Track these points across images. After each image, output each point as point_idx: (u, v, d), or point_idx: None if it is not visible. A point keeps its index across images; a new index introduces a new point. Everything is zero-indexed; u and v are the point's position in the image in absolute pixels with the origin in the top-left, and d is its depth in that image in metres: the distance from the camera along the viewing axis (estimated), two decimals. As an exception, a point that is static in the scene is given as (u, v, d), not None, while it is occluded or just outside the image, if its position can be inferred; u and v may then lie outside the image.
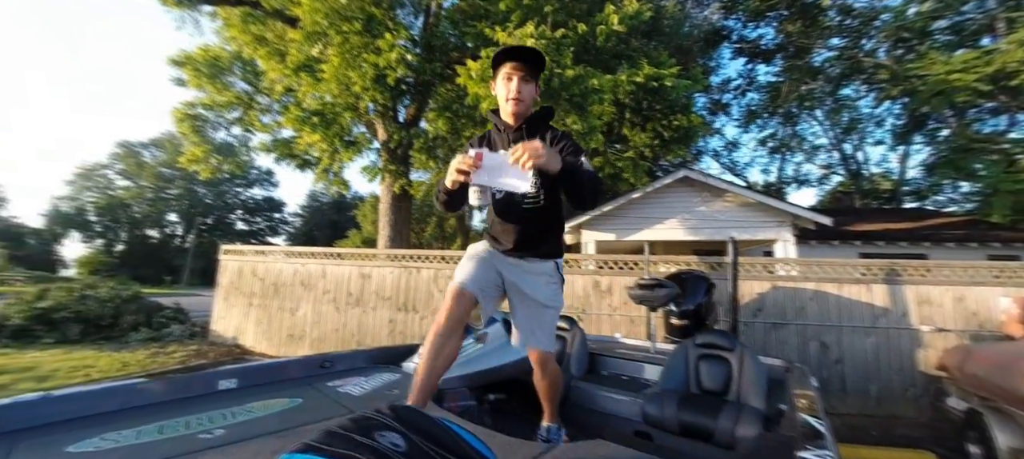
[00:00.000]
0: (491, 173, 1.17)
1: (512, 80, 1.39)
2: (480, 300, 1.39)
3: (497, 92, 1.47)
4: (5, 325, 5.79)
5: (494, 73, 1.47)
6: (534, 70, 1.43)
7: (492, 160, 1.17)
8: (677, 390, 2.05)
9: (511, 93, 1.39)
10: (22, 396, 1.28)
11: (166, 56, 7.52)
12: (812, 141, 18.21)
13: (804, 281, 4.48)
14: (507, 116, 1.44)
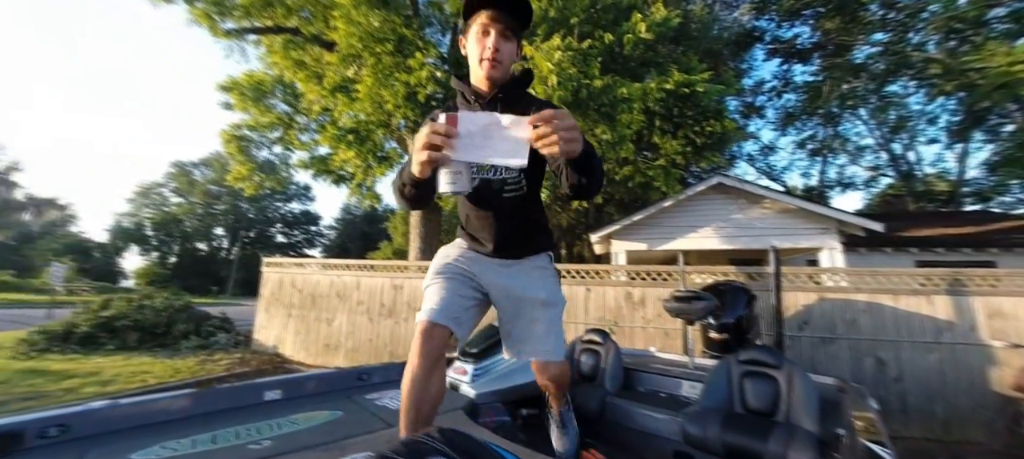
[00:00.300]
0: (472, 145, 0.85)
1: (489, 35, 1.09)
2: (454, 330, 1.12)
3: (468, 50, 1.17)
4: (74, 332, 6.30)
5: (465, 25, 1.17)
6: (517, 24, 1.13)
7: (472, 124, 0.85)
8: (720, 409, 1.95)
9: (486, 52, 1.09)
10: (93, 404, 1.38)
11: (216, 83, 8.11)
12: (856, 141, 17.18)
13: (855, 292, 4.20)
14: (479, 81, 1.15)
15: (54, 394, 4.28)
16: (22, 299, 16.86)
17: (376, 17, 5.39)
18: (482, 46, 1.10)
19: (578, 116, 4.47)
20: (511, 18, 1.11)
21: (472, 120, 0.85)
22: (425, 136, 0.85)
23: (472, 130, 0.84)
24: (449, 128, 0.84)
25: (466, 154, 0.85)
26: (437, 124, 0.85)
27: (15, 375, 4.71)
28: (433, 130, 0.84)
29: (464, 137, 0.84)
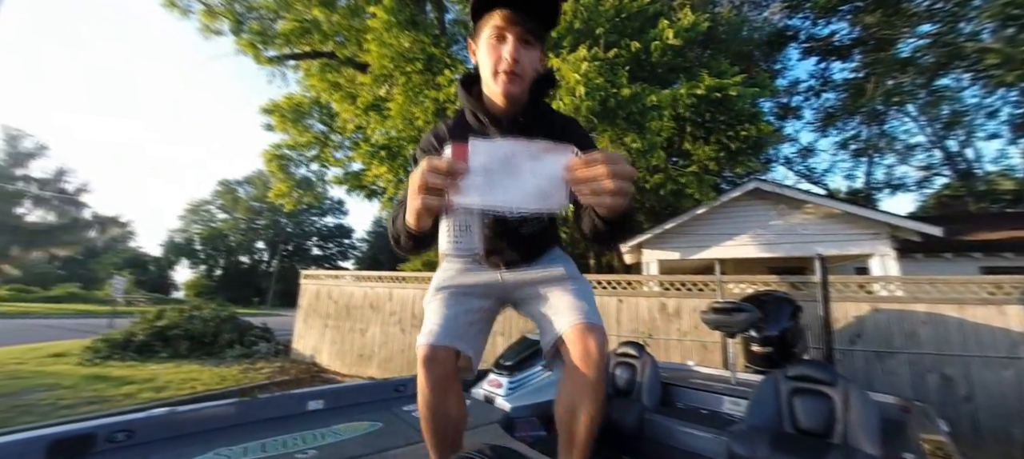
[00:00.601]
0: (489, 185, 0.64)
1: (505, 40, 0.87)
2: (461, 349, 0.96)
3: (478, 58, 0.93)
4: (132, 341, 6.77)
5: (475, 27, 0.93)
6: (540, 26, 0.89)
7: (489, 156, 0.64)
8: (768, 428, 1.84)
9: (503, 63, 0.86)
10: (156, 410, 1.47)
11: (259, 106, 8.65)
12: (905, 140, 16.08)
13: (913, 302, 3.89)
14: (496, 96, 0.91)
15: (115, 398, 4.61)
16: (87, 309, 18.36)
17: (406, 38, 5.61)
18: (496, 55, 0.88)
19: (607, 125, 4.43)
20: (532, 19, 0.87)
21: (489, 151, 0.63)
22: (422, 175, 0.64)
23: (489, 164, 0.63)
24: (455, 163, 0.63)
25: (480, 197, 0.62)
26: (438, 160, 0.64)
27: (81, 380, 5.11)
28: (432, 168, 0.64)
29: (477, 174, 0.63)
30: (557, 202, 0.64)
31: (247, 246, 41.86)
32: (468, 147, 0.64)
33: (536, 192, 0.63)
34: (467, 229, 0.71)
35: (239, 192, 41.83)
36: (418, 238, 0.80)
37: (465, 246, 0.71)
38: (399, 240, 0.85)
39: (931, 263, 7.55)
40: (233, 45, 7.71)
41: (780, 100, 15.21)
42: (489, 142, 0.65)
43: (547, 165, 0.63)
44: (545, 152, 0.64)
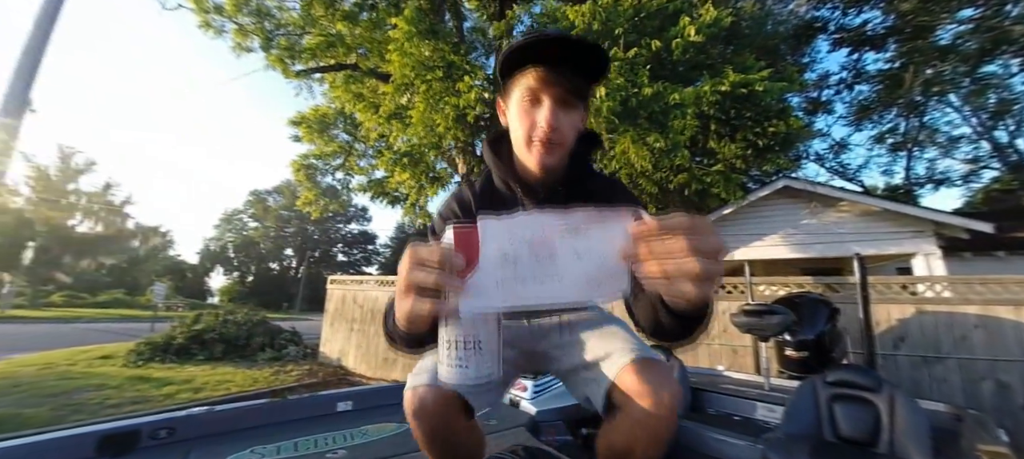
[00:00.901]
0: (514, 278, 0.47)
1: (540, 104, 0.74)
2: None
3: (508, 118, 0.81)
4: (172, 344, 7.11)
5: (504, 84, 0.80)
6: (583, 84, 0.76)
7: (511, 240, 0.47)
8: (807, 436, 1.76)
9: (537, 130, 0.74)
10: (195, 409, 1.54)
11: (287, 118, 9.02)
12: (948, 132, 15.11)
13: (963, 304, 3.64)
14: (531, 163, 0.77)
15: (156, 398, 4.85)
16: (131, 314, 19.44)
17: (427, 47, 5.72)
18: (530, 121, 0.74)
19: (628, 125, 4.36)
20: (574, 77, 0.73)
21: (509, 233, 0.46)
22: (409, 268, 0.48)
23: (512, 250, 0.46)
24: (455, 257, 0.46)
25: (499, 298, 0.46)
26: (429, 250, 0.47)
27: (126, 381, 5.40)
28: (420, 261, 0.47)
29: (494, 267, 0.46)
30: (614, 289, 0.45)
31: (276, 253, 43.49)
32: (477, 230, 0.46)
33: (583, 280, 0.45)
34: (476, 347, 0.48)
35: (269, 201, 43.53)
36: (418, 340, 0.60)
37: (473, 374, 0.48)
38: (393, 339, 0.65)
39: (981, 262, 7.07)
40: (263, 61, 8.07)
41: (809, 94, 14.62)
42: (508, 221, 0.46)
43: (597, 241, 0.45)
44: (592, 223, 0.45)
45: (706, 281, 0.43)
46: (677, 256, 0.43)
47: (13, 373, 5.58)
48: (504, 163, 0.84)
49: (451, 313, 0.47)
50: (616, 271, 0.45)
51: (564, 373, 0.87)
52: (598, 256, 0.46)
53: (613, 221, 0.46)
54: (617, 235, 0.45)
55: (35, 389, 4.88)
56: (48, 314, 17.63)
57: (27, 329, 12.11)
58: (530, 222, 0.47)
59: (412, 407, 0.74)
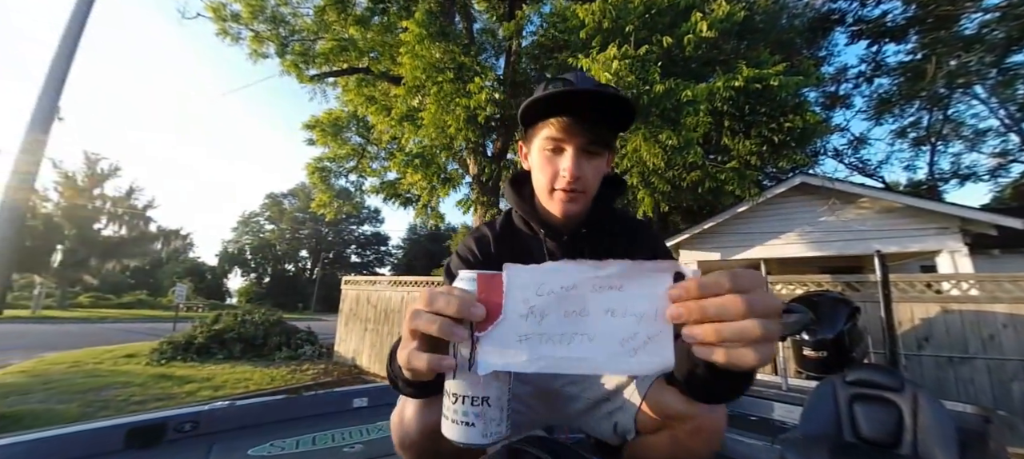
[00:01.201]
0: (534, 334, 0.42)
1: (563, 153, 0.72)
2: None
3: (530, 163, 0.80)
4: (193, 343, 7.31)
5: (526, 130, 0.79)
6: (608, 133, 0.75)
7: (535, 288, 0.42)
8: (825, 436, 1.72)
9: (560, 180, 0.72)
10: (217, 403, 1.58)
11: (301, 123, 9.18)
12: (974, 124, 14.56)
13: (991, 302, 3.52)
14: (553, 209, 0.76)
15: (178, 396, 5.00)
16: (154, 314, 20.05)
17: (437, 49, 5.77)
18: (553, 170, 0.73)
19: (640, 123, 4.32)
20: (598, 127, 0.71)
21: (538, 281, 0.41)
22: (421, 314, 0.43)
23: (538, 304, 0.41)
24: (474, 308, 0.41)
25: (524, 355, 0.41)
26: (448, 295, 0.42)
27: (150, 379, 5.58)
28: (434, 308, 0.42)
29: (517, 320, 0.41)
30: (654, 359, 0.39)
31: (292, 255, 44.36)
32: (503, 277, 0.41)
33: (617, 342, 0.39)
34: (484, 404, 0.43)
35: (285, 204, 44.41)
36: (422, 387, 0.54)
37: (479, 433, 0.43)
38: (397, 386, 0.59)
39: (1010, 259, 6.81)
40: (278, 67, 8.24)
41: (827, 89, 14.28)
42: (537, 270, 0.41)
43: (634, 298, 0.39)
44: (629, 277, 0.40)
45: (766, 344, 0.38)
46: (733, 318, 0.37)
47: (44, 371, 5.82)
48: (526, 203, 0.82)
49: (460, 367, 0.42)
50: (656, 334, 0.39)
51: (582, 412, 0.79)
52: (635, 315, 0.39)
53: (653, 276, 0.39)
54: (657, 292, 0.39)
55: (65, 386, 5.07)
56: (76, 314, 18.30)
57: (56, 329, 12.59)
58: (561, 272, 0.41)
59: (397, 436, 0.68)
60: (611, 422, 0.74)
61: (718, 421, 0.65)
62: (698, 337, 0.39)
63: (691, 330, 0.40)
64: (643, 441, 0.71)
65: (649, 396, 0.69)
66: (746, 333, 0.37)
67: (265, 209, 44.47)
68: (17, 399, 4.48)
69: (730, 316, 0.37)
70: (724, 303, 0.37)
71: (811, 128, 4.91)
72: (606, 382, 0.78)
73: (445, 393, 0.45)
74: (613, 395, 0.76)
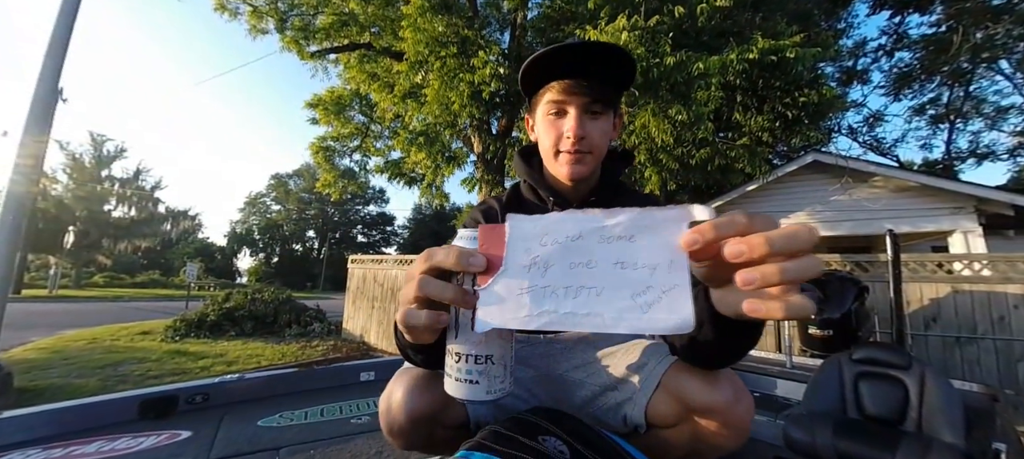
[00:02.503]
0: (538, 288, 0.38)
1: (566, 115, 0.72)
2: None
3: (536, 132, 0.79)
4: (205, 321, 7.48)
5: (528, 99, 0.80)
6: (611, 91, 0.74)
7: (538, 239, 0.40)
8: (829, 413, 1.73)
9: (564, 141, 0.72)
10: (227, 376, 1.61)
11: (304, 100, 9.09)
12: (996, 102, 14.04)
13: (1004, 283, 3.47)
14: (561, 175, 0.76)
15: (193, 371, 5.14)
16: (167, 294, 20.52)
17: (440, 22, 5.63)
18: (556, 132, 0.72)
19: (649, 97, 4.21)
20: (599, 86, 0.70)
21: (540, 231, 0.39)
22: (418, 274, 0.41)
23: (541, 256, 0.39)
24: (474, 260, 0.39)
25: (525, 311, 0.38)
26: (446, 252, 0.40)
27: (165, 355, 5.74)
28: (433, 266, 0.40)
29: (518, 273, 0.39)
30: (673, 317, 0.34)
31: (299, 235, 44.83)
32: (505, 228, 0.39)
33: (627, 295, 0.36)
34: (487, 361, 0.42)
35: (290, 185, 44.59)
36: (429, 350, 0.49)
37: (483, 390, 0.42)
38: (407, 355, 0.56)
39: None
40: (278, 43, 8.11)
41: (844, 63, 13.79)
42: (541, 220, 0.39)
43: (647, 249, 0.36)
44: (641, 226, 0.36)
45: (795, 291, 0.32)
46: (758, 261, 0.31)
47: (63, 348, 6.01)
48: (536, 172, 0.82)
49: (478, 321, 0.39)
50: (671, 288, 0.35)
51: (588, 401, 0.73)
52: (647, 267, 0.36)
53: (666, 225, 0.36)
54: (671, 242, 0.35)
55: (84, 362, 5.24)
56: (92, 293, 18.78)
57: (73, 307, 12.95)
58: (566, 221, 0.38)
59: (385, 423, 0.66)
60: (619, 414, 0.68)
61: (746, 413, 0.59)
62: (717, 283, 0.37)
63: (707, 276, 0.37)
64: (657, 435, 0.66)
65: (665, 383, 0.63)
66: (776, 276, 0.31)
67: (271, 190, 44.72)
68: (39, 374, 4.65)
69: (754, 258, 0.31)
70: (746, 245, 0.31)
71: (827, 103, 4.76)
72: (614, 369, 0.72)
73: (447, 352, 0.44)
74: (621, 383, 0.69)
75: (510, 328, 0.39)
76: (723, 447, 0.61)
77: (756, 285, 0.31)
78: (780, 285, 0.31)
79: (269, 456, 1.10)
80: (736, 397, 0.57)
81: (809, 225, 0.32)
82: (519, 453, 0.42)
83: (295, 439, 1.20)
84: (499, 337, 0.42)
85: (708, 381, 0.58)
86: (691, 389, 0.59)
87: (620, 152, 0.84)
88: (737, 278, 0.32)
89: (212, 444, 1.15)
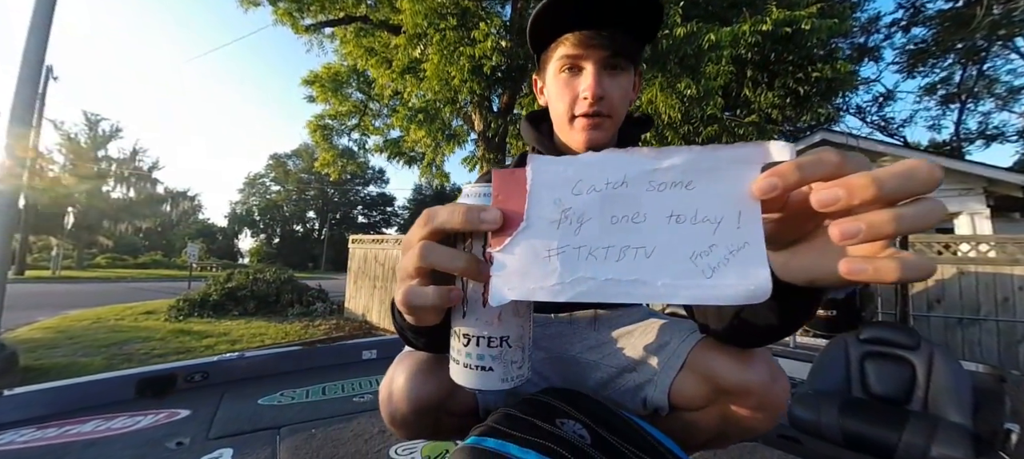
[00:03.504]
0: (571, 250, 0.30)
1: (581, 71, 0.63)
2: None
3: (547, 95, 0.70)
4: (208, 301, 7.51)
5: (538, 58, 0.71)
6: (632, 43, 0.63)
7: (570, 184, 0.31)
8: (835, 392, 1.72)
9: (580, 104, 0.63)
10: (227, 355, 1.60)
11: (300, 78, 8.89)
12: (1009, 82, 13.73)
13: (1011, 264, 3.43)
14: (575, 143, 0.66)
15: (197, 349, 5.18)
16: (169, 274, 20.64)
17: (439, -8, 5.43)
18: (571, 93, 0.63)
19: (657, 70, 4.06)
20: (620, 36, 0.60)
21: (574, 179, 0.31)
22: (418, 241, 0.34)
23: (574, 207, 0.31)
24: (487, 217, 0.31)
25: (547, 280, 0.30)
26: (452, 211, 0.33)
27: (169, 334, 5.77)
28: (437, 227, 0.33)
29: (544, 228, 0.31)
30: (745, 283, 0.27)
31: (300, 216, 44.83)
32: (526, 174, 0.31)
33: (689, 260, 0.28)
34: (503, 344, 0.35)
35: (289, 165, 44.26)
36: (434, 333, 0.41)
37: (498, 378, 0.35)
38: (407, 338, 0.49)
39: (1032, 221, 6.60)
40: (271, 16, 7.86)
41: (855, 40, 13.42)
42: (572, 162, 0.31)
43: (710, 198, 0.29)
44: (702, 169, 0.29)
45: (913, 268, 0.24)
46: (863, 209, 0.24)
47: (68, 327, 6.04)
48: (546, 139, 0.72)
49: (493, 292, 0.31)
50: (742, 246, 0.27)
51: (604, 383, 0.67)
52: (710, 221, 0.28)
53: (734, 168, 0.28)
54: (741, 189, 0.28)
55: (89, 341, 5.27)
56: (95, 274, 18.89)
57: (77, 288, 13.03)
58: (606, 163, 0.30)
59: (386, 412, 0.61)
60: (639, 396, 0.62)
61: (783, 394, 0.53)
62: (786, 246, 0.31)
63: (778, 235, 0.30)
64: (681, 418, 0.60)
65: (691, 363, 0.57)
66: (891, 225, 0.23)
67: (270, 170, 44.43)
68: (44, 353, 4.68)
69: (853, 205, 0.24)
70: (844, 188, 0.24)
71: (840, 79, 4.62)
72: (631, 350, 0.65)
73: (453, 334, 0.36)
74: (640, 364, 0.63)
75: (535, 300, 0.31)
76: (755, 430, 0.56)
77: (860, 238, 0.24)
78: (893, 237, 0.24)
79: (270, 435, 1.08)
80: (773, 377, 0.52)
81: (928, 161, 0.25)
82: (536, 438, 0.38)
83: (296, 418, 1.19)
84: (516, 314, 0.35)
85: (741, 360, 0.52)
86: (723, 369, 0.53)
87: (636, 118, 0.74)
88: (833, 230, 0.25)
89: (211, 422, 1.13)
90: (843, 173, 0.25)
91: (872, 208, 0.24)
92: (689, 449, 0.62)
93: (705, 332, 0.57)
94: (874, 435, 1.46)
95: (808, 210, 0.26)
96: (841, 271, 0.26)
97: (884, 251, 0.25)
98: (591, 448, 0.39)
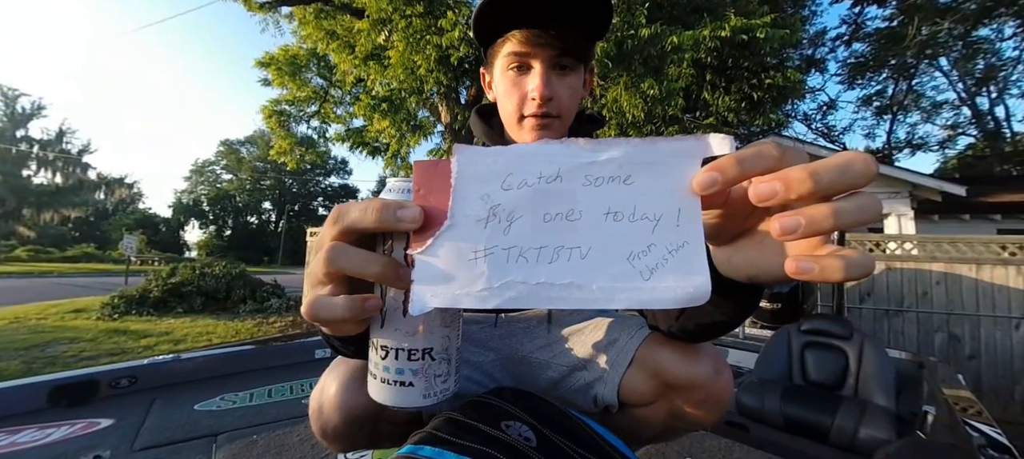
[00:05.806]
0: (500, 252, 0.27)
1: (529, 70, 0.61)
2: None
3: (495, 91, 0.68)
4: (148, 297, 6.93)
5: (485, 52, 0.67)
6: (582, 40, 0.61)
7: (499, 178, 0.28)
8: (777, 380, 1.84)
9: (528, 104, 0.61)
10: (159, 357, 1.46)
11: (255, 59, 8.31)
12: (933, 97, 15.30)
13: (929, 262, 3.81)
14: (524, 140, 0.64)
15: (135, 351, 4.76)
16: (104, 269, 18.88)
17: (405, -24, 5.24)
18: (520, 93, 0.61)
19: (622, 70, 4.15)
20: (569, 34, 0.58)
21: (504, 172, 0.28)
22: (330, 243, 0.30)
23: (504, 203, 0.28)
24: (406, 215, 0.28)
25: (473, 285, 0.27)
26: (366, 208, 0.29)
27: (101, 335, 5.27)
28: (347, 227, 0.29)
29: (470, 226, 0.28)
30: (685, 284, 0.26)
31: (254, 206, 42.32)
32: (450, 165, 0.28)
33: (627, 261, 0.27)
34: (425, 356, 0.32)
35: (242, 152, 41.63)
36: (361, 340, 0.36)
37: (420, 393, 0.32)
38: (333, 346, 0.45)
39: (947, 225, 7.36)
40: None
41: (804, 51, 14.43)
42: (502, 153, 0.28)
43: (649, 194, 0.27)
44: (641, 163, 0.27)
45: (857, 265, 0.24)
46: (802, 203, 0.24)
47: (-23, 325, 5.37)
48: (496, 136, 0.70)
49: (392, 312, 0.29)
50: (682, 245, 0.26)
51: (555, 383, 0.66)
52: (649, 219, 0.26)
53: (674, 161, 0.26)
54: (682, 184, 0.26)
55: (5, 342, 4.71)
56: (14, 269, 16.93)
57: (-9, 281, 11.62)
58: (538, 155, 0.27)
59: (317, 425, 0.58)
60: (589, 394, 0.62)
61: (727, 388, 0.54)
62: (727, 241, 0.30)
63: (719, 230, 0.29)
64: (630, 414, 0.60)
65: (639, 359, 0.57)
66: (829, 220, 0.23)
67: (221, 157, 41.56)
68: (-54, 355, 4.14)
69: (791, 199, 0.24)
70: (781, 182, 0.23)
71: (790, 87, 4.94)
72: (581, 349, 0.64)
73: (370, 345, 0.32)
74: (590, 361, 0.62)
75: (461, 307, 0.29)
76: (701, 423, 0.57)
77: (800, 233, 0.23)
78: (832, 232, 0.24)
79: (205, 443, 1.00)
80: (717, 370, 0.53)
81: (864, 153, 0.24)
82: (476, 444, 0.36)
83: (236, 423, 1.10)
84: (442, 323, 0.32)
85: (687, 355, 0.53)
86: (669, 364, 0.54)
87: (587, 115, 0.72)
88: (773, 225, 0.24)
89: (137, 433, 1.03)
90: (783, 166, 0.24)
91: (810, 202, 0.23)
92: (638, 444, 0.62)
93: (653, 329, 0.57)
94: (811, 419, 1.57)
95: (749, 204, 0.25)
96: (788, 270, 0.25)
97: (825, 248, 0.25)
98: (535, 451, 0.38)
